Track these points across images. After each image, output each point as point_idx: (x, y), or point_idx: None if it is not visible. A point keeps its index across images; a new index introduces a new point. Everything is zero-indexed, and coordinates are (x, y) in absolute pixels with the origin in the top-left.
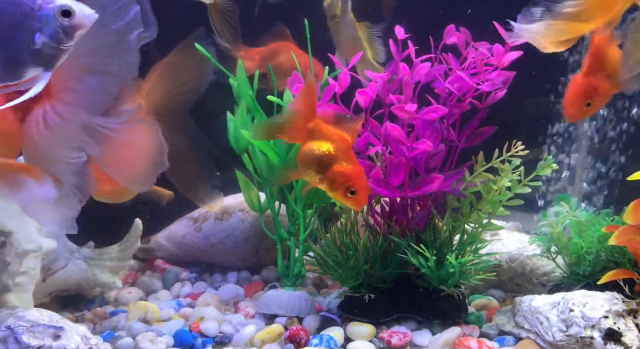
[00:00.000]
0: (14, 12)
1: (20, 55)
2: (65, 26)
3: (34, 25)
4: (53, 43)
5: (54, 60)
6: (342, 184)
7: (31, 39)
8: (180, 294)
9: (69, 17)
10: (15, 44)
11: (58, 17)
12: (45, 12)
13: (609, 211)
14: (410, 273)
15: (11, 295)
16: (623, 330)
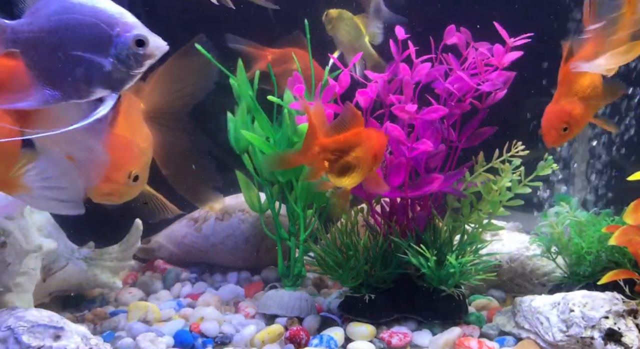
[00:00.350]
0: (94, 35)
1: (92, 76)
2: (138, 54)
3: (109, 50)
4: (124, 68)
5: (122, 84)
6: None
7: (105, 62)
8: (180, 294)
9: (142, 46)
10: (90, 65)
11: (132, 45)
12: (121, 39)
13: (609, 211)
14: (410, 273)
15: (11, 295)
16: (623, 330)
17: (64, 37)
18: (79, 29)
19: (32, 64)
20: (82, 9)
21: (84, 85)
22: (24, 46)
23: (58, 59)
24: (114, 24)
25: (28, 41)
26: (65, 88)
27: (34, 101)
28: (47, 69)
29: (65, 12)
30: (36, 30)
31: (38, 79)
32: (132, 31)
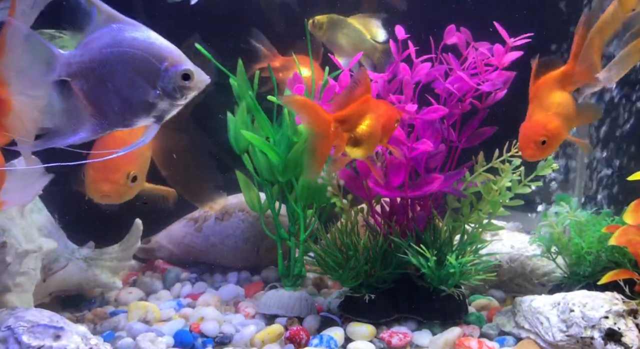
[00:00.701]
0: (144, 68)
1: (138, 106)
2: (183, 87)
3: (157, 83)
4: (169, 100)
5: (165, 114)
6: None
7: (152, 94)
8: (180, 294)
9: (188, 80)
10: (137, 97)
11: (178, 79)
12: (169, 73)
13: (609, 211)
14: (410, 272)
15: (11, 295)
16: (623, 330)
17: (114, 69)
18: (130, 62)
19: (81, 94)
20: (133, 42)
21: (130, 115)
22: (75, 76)
23: (107, 90)
24: (163, 59)
25: (79, 71)
26: (112, 117)
27: (84, 132)
28: (96, 99)
29: (117, 45)
30: (87, 61)
31: (86, 109)
32: (179, 65)
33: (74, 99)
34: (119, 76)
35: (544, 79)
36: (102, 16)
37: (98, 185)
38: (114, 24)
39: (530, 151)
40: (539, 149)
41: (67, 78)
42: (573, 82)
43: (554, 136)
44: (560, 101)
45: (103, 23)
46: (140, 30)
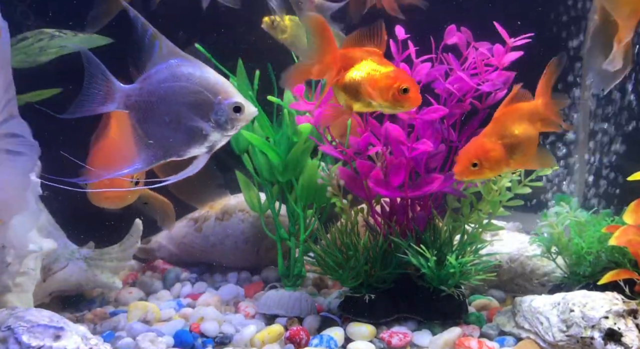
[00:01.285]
0: (198, 102)
1: (192, 137)
2: (234, 119)
3: (210, 115)
4: (220, 131)
5: (216, 144)
6: (390, 86)
7: (205, 125)
8: (180, 294)
9: (239, 112)
10: (191, 128)
11: (230, 112)
12: (222, 106)
13: (609, 211)
14: (410, 272)
15: (11, 295)
16: (623, 330)
17: (171, 102)
18: (186, 96)
19: (138, 125)
20: (190, 77)
21: (184, 146)
22: (134, 108)
23: (164, 122)
24: (217, 92)
25: (138, 104)
26: (166, 148)
27: (139, 163)
28: (153, 131)
29: (175, 80)
30: (146, 94)
31: (142, 140)
32: (231, 99)
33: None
34: (175, 109)
35: (518, 106)
36: (164, 51)
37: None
38: (173, 60)
39: (460, 168)
40: (468, 170)
41: (126, 110)
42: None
43: (489, 165)
44: (519, 134)
45: (164, 58)
46: (197, 66)
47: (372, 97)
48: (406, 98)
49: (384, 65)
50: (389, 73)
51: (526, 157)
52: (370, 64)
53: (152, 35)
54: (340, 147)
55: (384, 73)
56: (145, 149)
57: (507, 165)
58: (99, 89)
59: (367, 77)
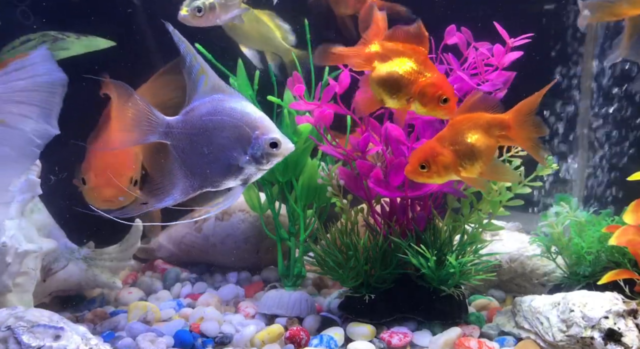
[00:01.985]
0: (237, 136)
1: (229, 170)
2: (269, 153)
3: (247, 149)
4: (256, 165)
5: (251, 178)
6: (434, 95)
7: (242, 159)
8: (180, 294)
9: (276, 148)
10: (228, 161)
11: (267, 147)
12: (259, 141)
13: (609, 211)
14: (410, 272)
15: (11, 295)
16: (623, 330)
17: (212, 136)
18: (226, 130)
19: (178, 156)
20: (230, 112)
21: (220, 178)
22: (175, 140)
23: (203, 154)
24: (255, 127)
25: (179, 136)
26: (203, 179)
27: (177, 193)
28: (192, 162)
29: (215, 114)
30: (188, 127)
31: (180, 170)
32: (268, 134)
33: (171, 161)
34: (215, 142)
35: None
36: (208, 86)
37: (101, 190)
38: (216, 94)
39: (409, 168)
40: (417, 171)
41: (167, 141)
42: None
43: (437, 170)
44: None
45: (208, 92)
46: (238, 101)
47: (412, 99)
48: (444, 108)
49: (428, 69)
50: (435, 81)
51: (479, 167)
52: (415, 65)
53: (199, 70)
54: (340, 147)
55: (430, 80)
56: (183, 179)
57: (457, 172)
58: (142, 121)
59: (410, 79)
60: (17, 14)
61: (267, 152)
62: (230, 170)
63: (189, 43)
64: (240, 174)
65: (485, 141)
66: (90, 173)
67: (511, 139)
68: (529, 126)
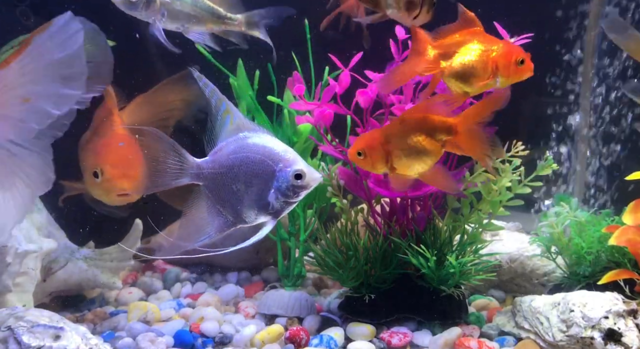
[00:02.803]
0: (261, 171)
1: (257, 205)
2: (295, 186)
3: (272, 183)
4: (283, 198)
5: (280, 211)
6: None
7: (268, 193)
8: (180, 294)
9: (300, 179)
10: (256, 196)
11: (291, 179)
12: (283, 173)
13: (609, 211)
14: (410, 273)
15: (11, 295)
16: (623, 330)
17: (238, 173)
18: (250, 165)
19: (211, 194)
20: (253, 147)
21: (250, 213)
22: (206, 179)
23: (232, 191)
24: (278, 160)
25: (210, 176)
26: (235, 216)
27: (212, 231)
28: (223, 200)
29: (240, 151)
30: (217, 167)
31: (214, 208)
32: (292, 166)
33: (204, 201)
34: (242, 179)
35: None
36: (233, 125)
37: (117, 182)
38: (240, 133)
39: (350, 150)
40: (355, 156)
41: (199, 182)
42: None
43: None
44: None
45: (233, 131)
46: (261, 136)
47: (493, 76)
48: (523, 69)
49: (492, 43)
50: (504, 49)
51: (418, 168)
52: (478, 45)
53: (224, 111)
54: (340, 147)
55: (500, 51)
56: (217, 217)
57: (390, 170)
58: (173, 164)
59: (482, 59)
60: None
61: (293, 184)
62: (259, 205)
63: (214, 86)
64: (270, 208)
65: (429, 143)
66: (107, 165)
67: (460, 148)
68: (477, 135)
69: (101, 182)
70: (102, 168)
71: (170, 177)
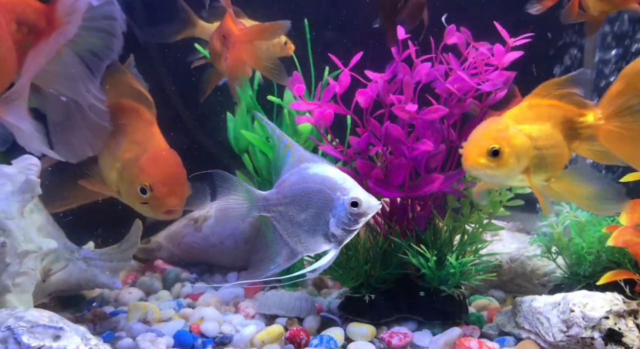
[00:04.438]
0: (321, 200)
1: (319, 234)
2: (353, 213)
3: (332, 212)
4: (342, 226)
5: (342, 239)
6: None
7: (329, 222)
8: (180, 294)
9: (357, 207)
10: (318, 225)
11: (348, 206)
12: (340, 202)
13: None
14: (410, 273)
15: (11, 295)
16: (623, 330)
17: (301, 203)
18: (311, 195)
19: (278, 225)
20: (314, 177)
21: (314, 242)
22: (272, 211)
23: (297, 221)
24: (336, 189)
25: (275, 208)
26: (300, 245)
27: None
28: (289, 229)
29: (302, 182)
30: (282, 198)
31: (281, 238)
32: (348, 194)
33: (273, 231)
34: (304, 209)
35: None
36: (295, 157)
37: (167, 200)
38: (302, 164)
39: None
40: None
41: (267, 214)
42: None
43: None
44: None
45: (295, 163)
46: (320, 166)
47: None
48: None
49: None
50: None
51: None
52: None
53: (285, 145)
54: (340, 147)
55: None
56: (285, 247)
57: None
58: (243, 199)
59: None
60: None
61: (350, 212)
62: (322, 234)
63: (274, 125)
64: (331, 236)
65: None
66: (157, 183)
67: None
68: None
69: (149, 199)
70: (151, 185)
71: (242, 211)
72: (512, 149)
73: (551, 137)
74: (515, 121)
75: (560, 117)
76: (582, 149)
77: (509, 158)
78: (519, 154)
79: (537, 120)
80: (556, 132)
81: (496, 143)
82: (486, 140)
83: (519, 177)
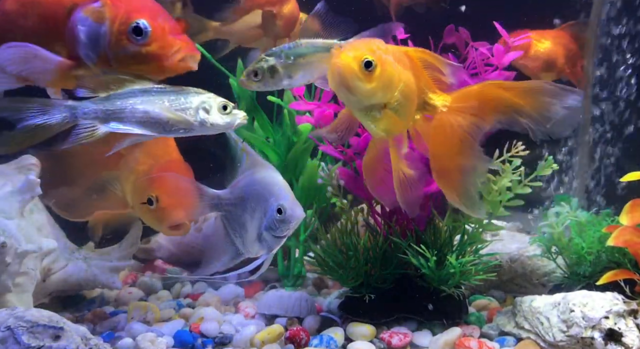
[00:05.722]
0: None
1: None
2: (277, 220)
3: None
4: (270, 232)
5: (272, 246)
6: None
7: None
8: (180, 294)
9: (281, 214)
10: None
11: (274, 213)
12: (271, 207)
13: (609, 211)
14: (411, 273)
15: (11, 295)
16: (623, 330)
17: (246, 206)
18: (254, 198)
19: (228, 225)
20: (260, 181)
21: (251, 244)
22: (223, 210)
23: (242, 223)
24: (272, 195)
25: (226, 207)
26: (244, 246)
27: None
28: (235, 229)
29: (251, 185)
30: (232, 198)
31: (228, 237)
32: (278, 200)
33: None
34: (247, 211)
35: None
36: (249, 162)
37: (173, 213)
38: (254, 168)
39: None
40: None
41: (218, 212)
42: None
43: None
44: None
45: (248, 167)
46: (267, 171)
47: None
48: None
49: None
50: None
51: None
52: None
53: (241, 149)
54: (340, 147)
55: None
56: (230, 246)
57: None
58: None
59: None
60: None
61: (275, 218)
62: (257, 237)
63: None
64: (263, 241)
65: None
66: (163, 194)
67: None
68: None
69: (156, 210)
70: (157, 195)
71: (196, 209)
72: (383, 71)
73: (413, 91)
74: (393, 58)
75: (423, 80)
76: (417, 123)
77: (379, 77)
78: (388, 79)
79: (408, 69)
80: (415, 91)
81: (373, 56)
82: (364, 50)
83: (374, 111)
